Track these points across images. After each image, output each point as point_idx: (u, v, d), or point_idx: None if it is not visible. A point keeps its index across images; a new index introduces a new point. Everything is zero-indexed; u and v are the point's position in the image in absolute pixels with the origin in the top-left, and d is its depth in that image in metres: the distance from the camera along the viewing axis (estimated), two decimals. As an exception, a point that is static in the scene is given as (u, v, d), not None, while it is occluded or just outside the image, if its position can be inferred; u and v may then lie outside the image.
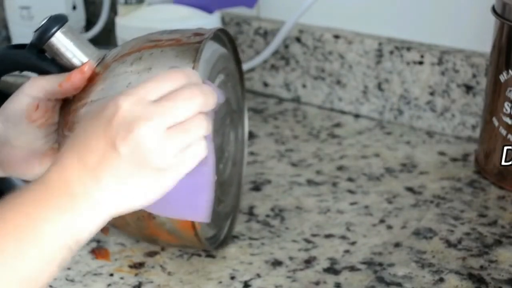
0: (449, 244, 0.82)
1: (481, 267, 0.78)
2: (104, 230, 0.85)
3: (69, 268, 0.79)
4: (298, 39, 1.15)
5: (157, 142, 0.55)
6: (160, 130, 0.55)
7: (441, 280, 0.76)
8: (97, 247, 0.82)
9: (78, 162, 0.55)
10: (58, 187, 0.55)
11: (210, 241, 0.79)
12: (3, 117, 0.70)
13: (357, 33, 1.11)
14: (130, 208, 0.57)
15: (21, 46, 0.72)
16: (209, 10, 1.09)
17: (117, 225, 0.78)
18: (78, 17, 1.27)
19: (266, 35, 1.17)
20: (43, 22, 0.69)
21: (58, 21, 0.69)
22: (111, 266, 0.80)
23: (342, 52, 1.12)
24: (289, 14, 1.11)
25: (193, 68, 0.68)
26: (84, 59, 0.69)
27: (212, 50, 0.77)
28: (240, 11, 1.19)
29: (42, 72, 0.71)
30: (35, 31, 0.69)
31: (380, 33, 1.10)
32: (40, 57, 0.70)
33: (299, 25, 1.14)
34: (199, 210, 0.62)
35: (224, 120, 0.79)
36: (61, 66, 0.70)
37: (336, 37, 1.11)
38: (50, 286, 0.77)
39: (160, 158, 0.55)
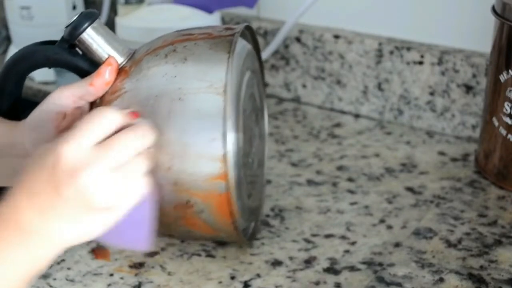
0: (449, 244, 0.82)
1: (481, 267, 0.78)
2: (104, 230, 0.85)
3: (69, 268, 0.79)
4: (298, 39, 1.15)
5: (99, 186, 0.57)
6: (101, 174, 0.57)
7: (441, 280, 0.76)
8: (97, 247, 0.82)
9: (27, 203, 0.58)
10: (9, 225, 0.57)
11: (243, 233, 0.79)
12: (29, 126, 0.70)
13: (357, 33, 1.11)
14: (80, 242, 0.60)
15: (51, 42, 0.72)
16: (209, 10, 1.09)
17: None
18: (78, 17, 1.26)
19: (266, 35, 1.17)
20: (74, 18, 0.70)
21: (89, 17, 0.70)
22: (111, 266, 0.80)
23: (342, 52, 1.12)
24: (289, 14, 1.11)
25: (228, 59, 0.70)
26: (114, 54, 0.71)
27: (241, 45, 0.77)
28: (240, 11, 1.19)
29: (72, 67, 0.72)
30: (66, 27, 0.70)
31: (380, 33, 1.10)
32: (71, 52, 0.71)
33: (299, 25, 1.14)
34: (140, 241, 0.65)
35: (251, 116, 0.80)
36: (92, 61, 0.70)
37: (336, 37, 1.12)
38: (50, 286, 0.77)
39: (103, 200, 0.58)
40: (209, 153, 0.69)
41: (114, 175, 0.58)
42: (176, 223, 0.75)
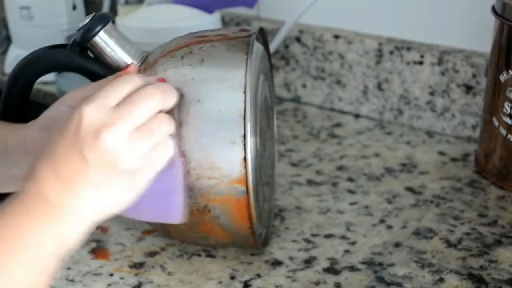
0: (449, 244, 0.82)
1: (481, 267, 0.78)
2: (104, 229, 0.85)
3: (69, 268, 0.79)
4: (298, 39, 1.15)
5: (123, 146, 0.56)
6: (124, 134, 0.56)
7: (441, 280, 0.76)
8: (97, 247, 0.82)
9: (52, 175, 0.56)
10: (37, 200, 0.56)
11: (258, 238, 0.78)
12: (39, 125, 0.69)
13: (357, 33, 1.11)
14: (110, 212, 0.58)
15: (62, 46, 0.71)
16: (209, 10, 1.09)
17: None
18: (78, 17, 1.27)
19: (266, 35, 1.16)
20: (86, 21, 0.69)
21: (101, 19, 0.68)
22: (111, 266, 0.80)
23: (342, 52, 1.12)
24: (289, 14, 1.11)
25: (247, 60, 0.69)
26: (127, 58, 0.69)
27: (256, 47, 0.76)
28: (240, 11, 1.19)
29: (84, 71, 0.70)
30: (78, 30, 0.69)
31: (380, 33, 1.10)
32: (83, 56, 0.70)
33: (299, 25, 1.14)
34: (172, 212, 0.64)
35: (264, 119, 0.79)
36: (104, 64, 0.69)
37: (336, 37, 1.12)
38: (50, 286, 0.77)
39: (128, 161, 0.57)
40: (228, 156, 0.68)
41: (138, 134, 0.57)
42: (192, 229, 0.74)
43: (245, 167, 0.68)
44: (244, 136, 0.67)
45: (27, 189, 0.56)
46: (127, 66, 0.69)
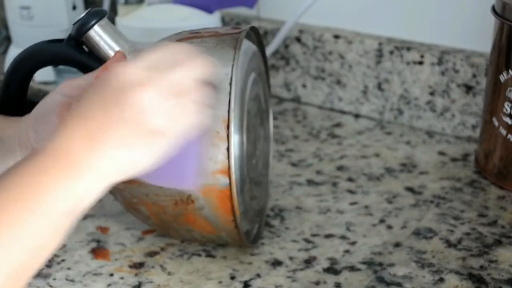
0: (449, 244, 0.82)
1: (481, 267, 0.78)
2: (104, 229, 0.85)
3: (69, 268, 0.79)
4: (298, 39, 1.15)
5: (151, 106, 0.55)
6: (156, 92, 0.55)
7: (441, 280, 0.76)
8: (97, 247, 0.82)
9: (79, 130, 0.55)
10: (59, 154, 0.55)
11: (245, 235, 0.78)
12: (33, 116, 0.69)
13: (357, 33, 1.11)
14: (130, 173, 0.57)
15: (58, 41, 0.73)
16: (209, 10, 1.09)
17: (152, 211, 0.76)
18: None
19: (266, 35, 1.17)
20: (82, 15, 0.70)
21: (96, 14, 0.70)
22: (111, 266, 0.80)
23: (342, 52, 1.12)
24: (289, 14, 1.11)
25: (234, 55, 0.70)
26: None
27: (247, 45, 0.78)
28: (240, 11, 1.19)
29: (79, 64, 0.72)
30: (74, 24, 0.71)
31: (380, 33, 1.10)
32: (78, 50, 0.71)
33: (299, 25, 1.14)
34: (186, 178, 0.63)
35: (256, 118, 0.80)
36: (99, 58, 0.71)
37: (336, 37, 1.12)
38: (50, 286, 0.77)
39: (155, 118, 0.56)
40: (212, 146, 0.69)
41: (169, 97, 0.56)
42: (176, 221, 0.75)
43: (228, 157, 0.68)
44: (228, 127, 0.68)
45: (51, 145, 0.55)
46: (116, 53, 0.70)
